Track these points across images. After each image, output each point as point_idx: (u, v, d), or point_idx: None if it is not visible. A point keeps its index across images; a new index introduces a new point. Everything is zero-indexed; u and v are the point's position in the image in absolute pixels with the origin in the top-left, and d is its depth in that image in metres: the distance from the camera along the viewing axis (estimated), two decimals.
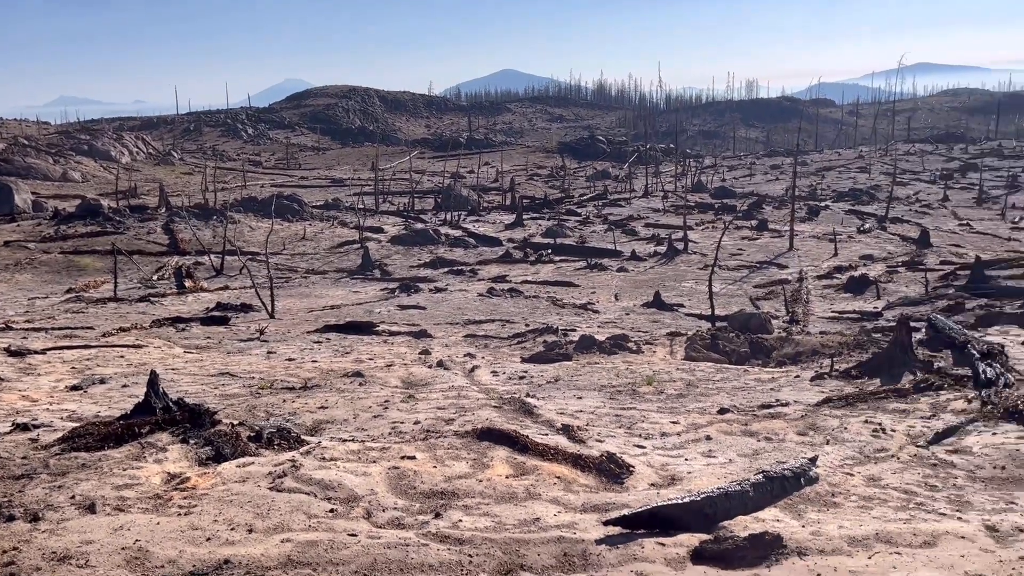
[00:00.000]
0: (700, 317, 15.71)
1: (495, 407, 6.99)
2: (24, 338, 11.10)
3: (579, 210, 35.38)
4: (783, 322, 15.03)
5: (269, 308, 15.73)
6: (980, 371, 7.69)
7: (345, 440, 5.64)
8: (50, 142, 48.13)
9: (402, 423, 6.35)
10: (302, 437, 5.56)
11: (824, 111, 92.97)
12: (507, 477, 4.87)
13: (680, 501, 4.19)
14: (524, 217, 31.69)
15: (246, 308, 16.14)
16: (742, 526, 4.11)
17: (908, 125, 76.10)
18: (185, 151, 60.63)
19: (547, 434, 5.95)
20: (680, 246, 24.65)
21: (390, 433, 6.04)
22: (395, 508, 4.34)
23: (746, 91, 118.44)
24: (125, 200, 30.59)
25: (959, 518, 4.33)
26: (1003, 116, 76.40)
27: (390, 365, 9.52)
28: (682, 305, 17.31)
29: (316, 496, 4.37)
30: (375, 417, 6.63)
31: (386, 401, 7.24)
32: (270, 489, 4.38)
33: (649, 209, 35.18)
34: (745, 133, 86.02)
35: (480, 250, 25.95)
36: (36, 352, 9.31)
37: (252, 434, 5.28)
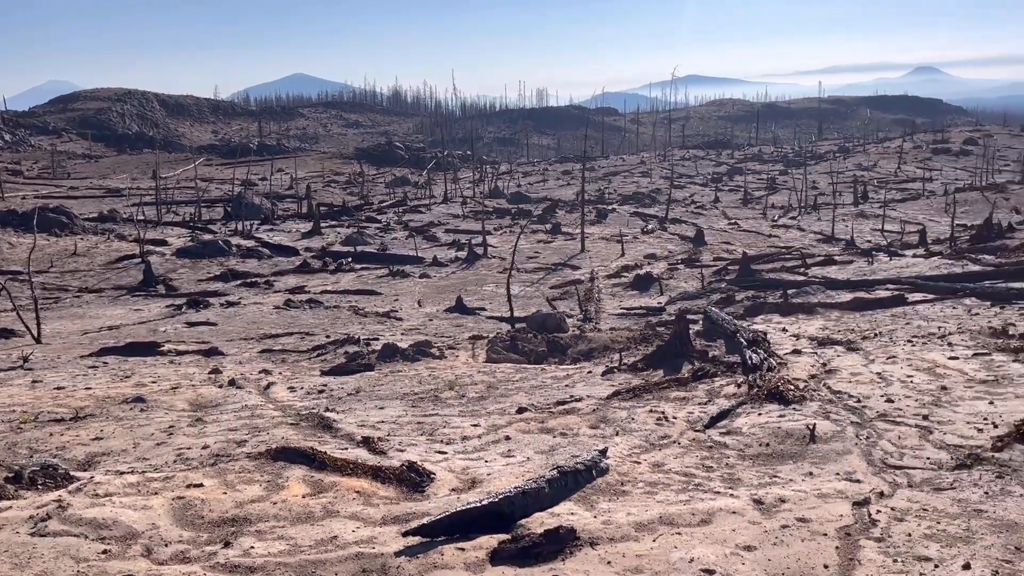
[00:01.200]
0: (501, 319, 16.08)
1: (292, 424, 6.75)
2: None
3: (379, 217, 35.07)
4: (577, 320, 15.72)
5: (35, 332, 14.21)
6: (747, 357, 8.46)
7: (123, 472, 5.20)
8: None
9: (189, 449, 5.95)
10: (71, 473, 5.06)
11: (609, 119, 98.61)
12: (304, 497, 4.71)
13: (478, 504, 4.24)
14: (322, 225, 30.92)
15: (7, 334, 14.48)
16: (539, 522, 4.23)
17: (683, 132, 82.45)
18: None
19: (347, 448, 5.82)
20: (480, 251, 25.12)
21: (175, 461, 5.64)
22: (180, 541, 4.05)
23: (537, 99, 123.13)
24: None
25: (731, 495, 4.73)
26: (761, 124, 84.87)
27: (176, 387, 8.91)
28: (484, 309, 17.64)
29: (87, 537, 3.98)
30: (158, 445, 6.17)
31: (171, 427, 6.76)
32: (31, 535, 3.94)
33: (449, 215, 35.56)
34: (538, 140, 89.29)
35: (275, 260, 25.00)
36: None
37: (10, 475, 4.73)
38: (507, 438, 6.19)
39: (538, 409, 7.19)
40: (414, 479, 5.02)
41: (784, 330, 11.42)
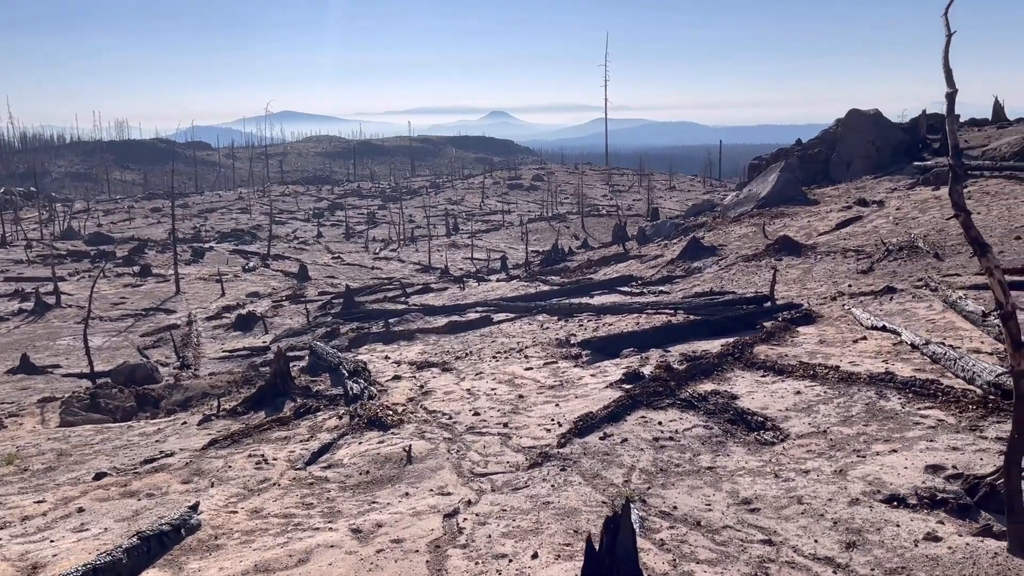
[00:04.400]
0: (81, 376, 14.28)
1: None
2: None
3: None
4: (174, 368, 14.59)
5: None
6: (348, 388, 8.56)
7: None
8: None
9: None
10: None
11: (201, 154, 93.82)
12: None
13: None
14: None
15: None
16: None
17: (281, 168, 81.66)
18: None
19: None
20: (51, 300, 22.05)
21: None
22: None
23: (116, 131, 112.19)
24: None
25: (330, 528, 4.70)
26: (358, 160, 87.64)
27: None
28: (59, 366, 15.51)
29: None
30: None
31: None
32: None
33: (10, 261, 30.69)
34: (120, 175, 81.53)
35: None
36: None
37: None
38: (80, 510, 5.45)
39: (121, 471, 6.46)
40: None
41: (387, 357, 11.82)
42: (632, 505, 4.34)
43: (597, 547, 3.12)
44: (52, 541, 4.83)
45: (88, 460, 7.16)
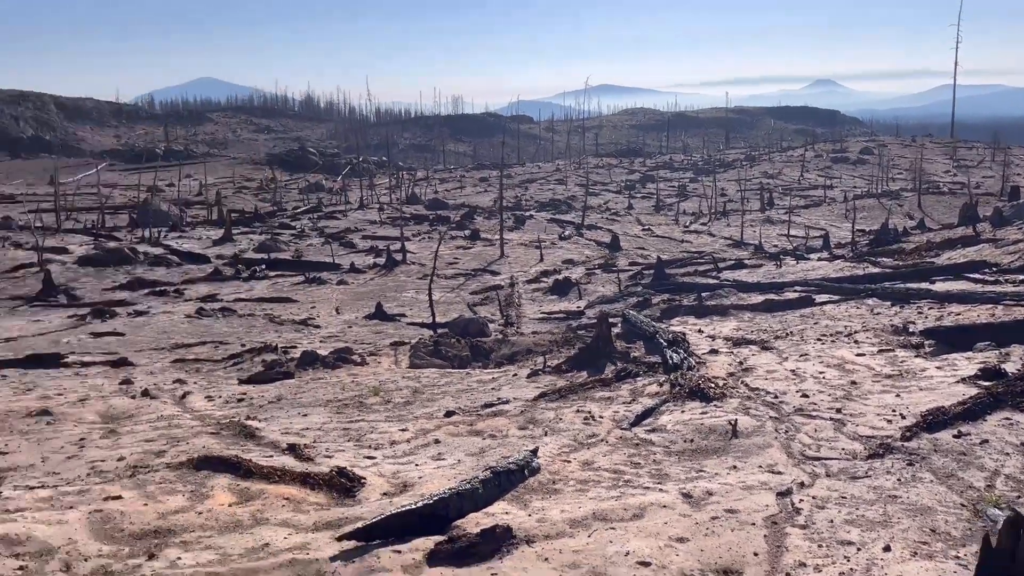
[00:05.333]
0: (422, 325, 15.98)
1: (212, 433, 6.54)
2: None
3: (293, 223, 34.34)
4: (499, 325, 15.78)
5: None
6: (668, 357, 8.66)
7: (33, 487, 4.93)
8: None
9: (103, 461, 5.69)
10: None
11: (524, 127, 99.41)
12: (230, 505, 4.57)
13: (412, 506, 4.21)
14: (234, 232, 30.06)
15: None
16: (474, 523, 4.23)
17: (596, 141, 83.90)
18: None
19: (272, 455, 5.68)
20: (398, 257, 24.91)
21: (89, 474, 5.39)
22: (100, 555, 3.88)
23: (452, 107, 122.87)
24: None
25: (660, 489, 4.83)
26: (671, 133, 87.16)
27: (84, 399, 8.51)
28: (404, 315, 17.50)
29: (0, 555, 3.77)
30: (69, 458, 5.88)
31: (82, 439, 6.46)
32: None
33: (366, 221, 35.14)
34: (454, 147, 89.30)
35: (186, 268, 24.14)
36: None
37: None
38: (436, 441, 6.16)
39: (466, 412, 7.18)
40: (344, 484, 4.93)
41: (700, 331, 11.74)
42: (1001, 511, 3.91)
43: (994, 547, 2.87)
44: (416, 465, 5.53)
45: (437, 399, 8.05)
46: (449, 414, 7.10)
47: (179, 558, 3.80)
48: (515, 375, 9.28)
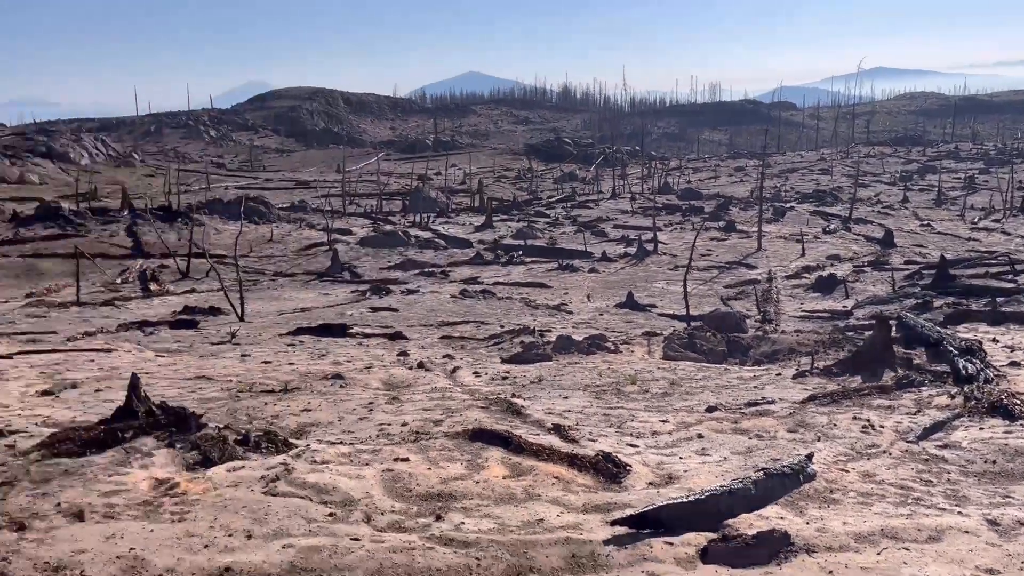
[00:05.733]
0: (673, 317, 15.77)
1: (482, 408, 6.90)
2: None
3: (548, 212, 35.41)
4: (755, 321, 15.15)
5: (239, 311, 15.43)
6: (960, 367, 7.78)
7: (334, 443, 5.50)
8: (5, 144, 46.88)
9: (389, 425, 6.22)
10: (289, 440, 5.42)
11: (786, 114, 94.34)
12: (504, 478, 4.79)
13: (685, 500, 4.14)
14: (494, 219, 31.61)
15: (215, 311, 15.82)
16: (747, 524, 4.08)
17: (867, 128, 77.53)
18: (146, 153, 59.55)
19: (538, 434, 5.87)
20: (650, 247, 24.78)
21: (378, 435, 5.91)
22: (393, 511, 4.23)
23: (709, 94, 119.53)
24: (86, 202, 29.88)
25: (959, 512, 4.35)
26: (958, 119, 78.21)
27: (369, 367, 9.37)
28: (654, 305, 17.37)
29: (312, 500, 4.24)
30: (361, 419, 6.50)
31: (370, 403, 7.11)
32: (264, 494, 4.24)
33: (617, 211, 35.34)
34: (709, 135, 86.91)
35: (451, 252, 25.81)
36: (2, 357, 9.00)
37: (239, 438, 5.12)
38: (699, 436, 6.03)
39: (728, 409, 6.96)
40: (611, 470, 4.98)
41: (995, 340, 10.44)
42: None
43: None
44: (680, 458, 5.44)
45: (695, 393, 7.89)
46: (711, 409, 6.92)
47: (463, 523, 4.04)
48: (778, 375, 8.84)
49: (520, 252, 25.13)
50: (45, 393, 7.12)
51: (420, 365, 9.48)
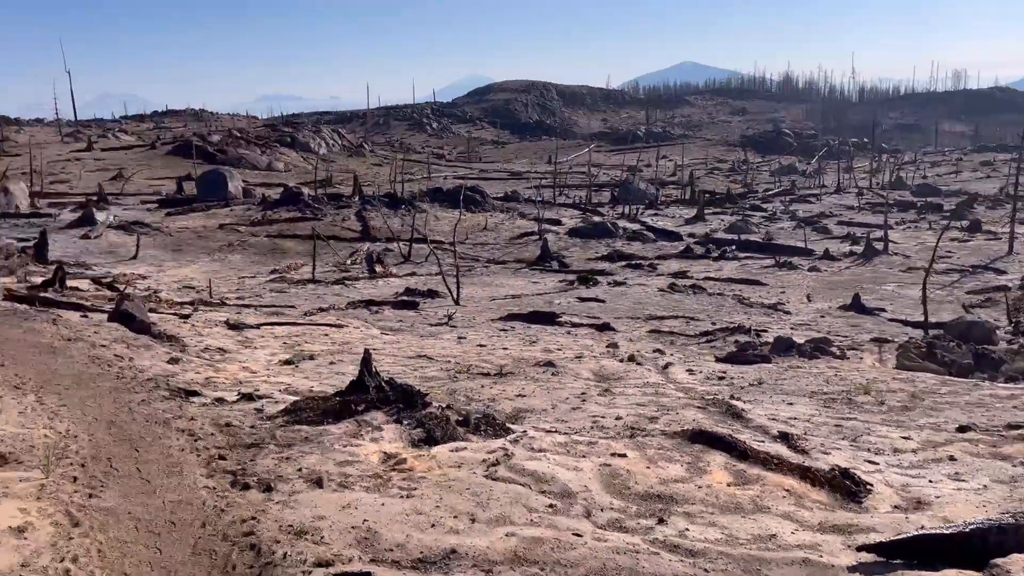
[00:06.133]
0: (906, 323, 14.44)
1: (699, 407, 6.60)
2: (238, 313, 11.89)
3: (764, 206, 33.85)
4: (1006, 332, 13.51)
5: (455, 295, 16.05)
6: None
7: (549, 431, 5.47)
8: (258, 135, 52.14)
9: (603, 417, 6.11)
10: (506, 425, 5.45)
11: None
12: (728, 485, 4.50)
13: (946, 532, 3.66)
14: (705, 212, 30.68)
15: (432, 294, 16.55)
16: (1020, 566, 3.53)
17: None
18: (375, 144, 63.82)
19: (763, 441, 5.50)
20: (879, 246, 22.90)
21: (592, 427, 5.82)
22: (612, 508, 4.10)
23: (952, 82, 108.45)
24: (322, 189, 32.48)
25: None
26: None
27: (579, 356, 9.32)
28: (883, 309, 16.01)
29: (531, 488, 4.21)
30: (574, 409, 6.44)
31: (583, 393, 7.04)
32: (486, 477, 4.27)
33: (841, 206, 33.07)
34: (949, 127, 79.04)
35: (659, 244, 25.34)
36: (251, 327, 9.90)
37: (460, 418, 5.22)
38: (951, 459, 5.37)
39: (984, 431, 6.16)
40: (849, 487, 4.54)
41: None
42: None
43: None
44: (930, 481, 4.87)
45: (941, 409, 7.09)
46: (963, 429, 6.17)
47: (687, 529, 3.83)
48: None
49: (733, 247, 24.16)
50: (286, 363, 7.71)
51: (631, 358, 9.30)
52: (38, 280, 13.41)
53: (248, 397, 5.71)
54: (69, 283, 12.98)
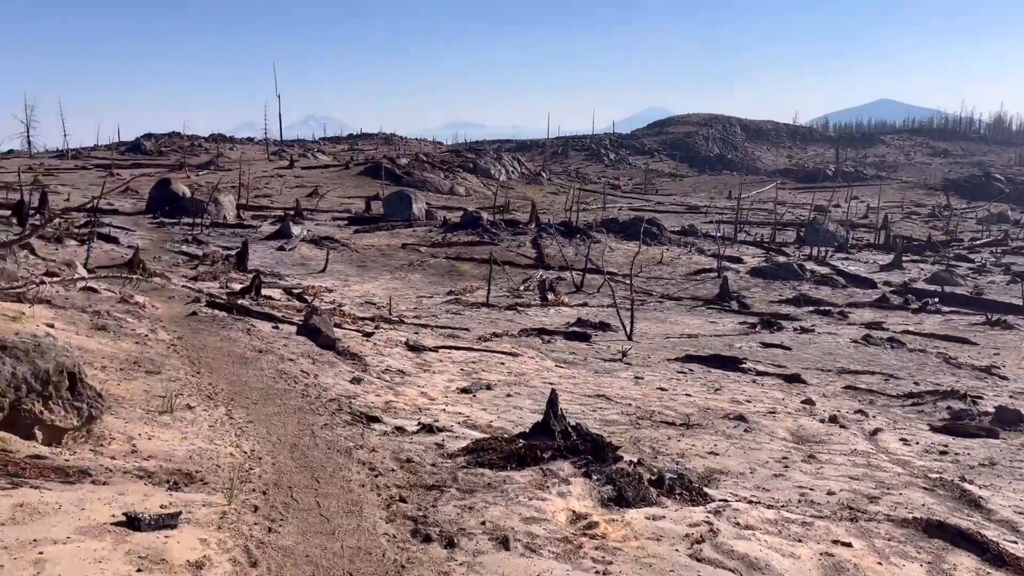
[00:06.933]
0: None
1: (924, 488, 5.70)
2: (416, 333, 11.95)
3: (971, 256, 30.79)
4: None
5: (628, 329, 15.48)
6: None
7: (753, 501, 4.83)
8: (442, 159, 54.04)
9: (811, 490, 5.37)
10: (704, 490, 4.87)
11: None
12: None
13: None
14: (903, 259, 28.28)
15: (604, 327, 16.07)
16: None
17: None
18: (552, 172, 64.45)
19: (1016, 542, 4.59)
20: None
21: (800, 500, 5.11)
22: None
23: None
24: (500, 214, 32.94)
25: None
26: None
27: (773, 411, 8.51)
28: None
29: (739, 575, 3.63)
30: (775, 476, 5.73)
31: (784, 457, 6.30)
32: (690, 557, 3.73)
33: None
34: None
35: (850, 291, 23.52)
36: (429, 349, 9.85)
37: (652, 478, 4.71)
38: None
39: None
40: None
41: None
42: None
43: None
44: None
45: None
46: None
47: None
48: None
49: (936, 300, 21.99)
50: (463, 391, 7.49)
51: (832, 419, 8.38)
52: (237, 287, 14.19)
53: (428, 429, 5.48)
54: (263, 292, 13.64)
